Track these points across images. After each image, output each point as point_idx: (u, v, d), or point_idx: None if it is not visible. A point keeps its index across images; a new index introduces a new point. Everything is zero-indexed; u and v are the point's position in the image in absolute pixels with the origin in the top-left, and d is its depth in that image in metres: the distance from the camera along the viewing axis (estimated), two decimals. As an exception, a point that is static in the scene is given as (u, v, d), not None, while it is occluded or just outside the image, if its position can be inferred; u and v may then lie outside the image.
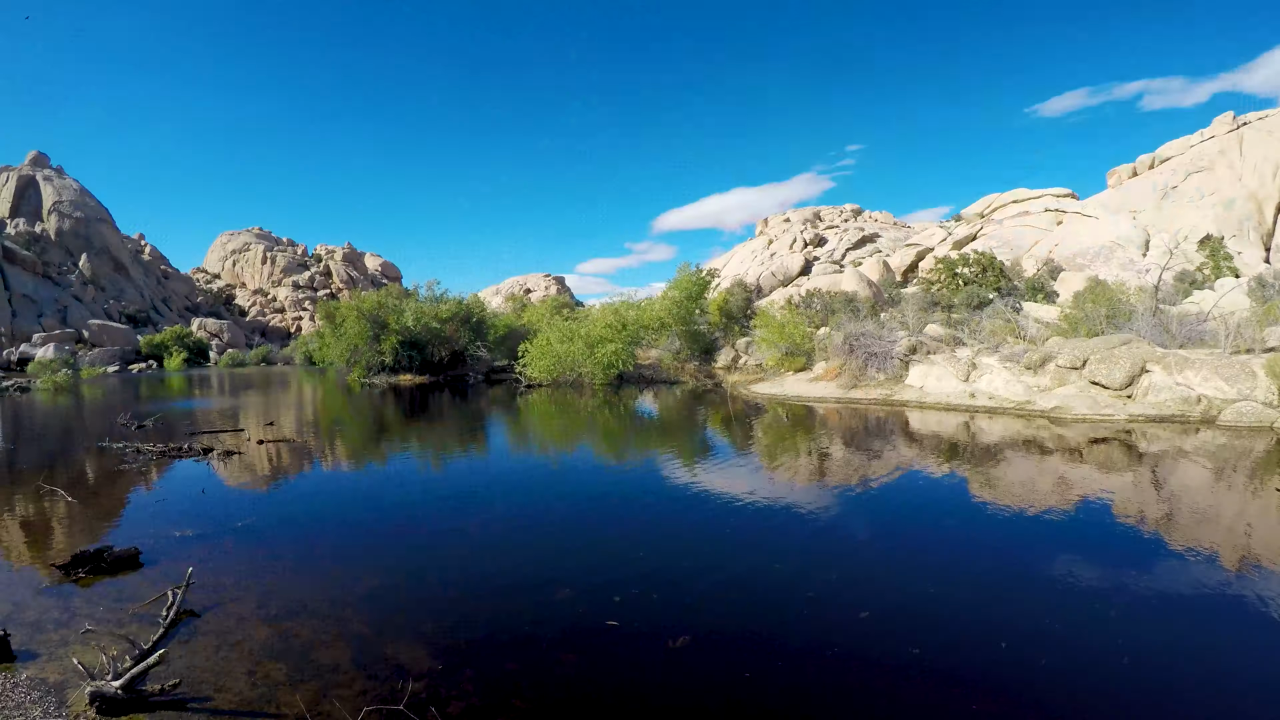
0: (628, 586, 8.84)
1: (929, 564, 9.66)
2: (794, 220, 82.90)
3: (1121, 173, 63.25)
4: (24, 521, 13.08)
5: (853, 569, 9.54)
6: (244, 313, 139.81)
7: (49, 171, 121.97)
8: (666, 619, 7.88)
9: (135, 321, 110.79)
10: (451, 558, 10.42)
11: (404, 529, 12.17)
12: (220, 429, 25.32)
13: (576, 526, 12.14)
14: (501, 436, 23.83)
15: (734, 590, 8.83)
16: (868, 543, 10.84)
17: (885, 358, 29.30)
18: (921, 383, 27.24)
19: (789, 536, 11.12)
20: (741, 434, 22.01)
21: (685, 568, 9.72)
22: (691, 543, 10.99)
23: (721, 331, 48.21)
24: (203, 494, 14.92)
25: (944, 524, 11.65)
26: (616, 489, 14.90)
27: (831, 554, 10.24)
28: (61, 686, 6.58)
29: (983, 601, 8.31)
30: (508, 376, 47.01)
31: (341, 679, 6.62)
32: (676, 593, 8.69)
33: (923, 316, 35.81)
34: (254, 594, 8.84)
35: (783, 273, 61.11)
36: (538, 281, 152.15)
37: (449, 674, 6.70)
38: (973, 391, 25.16)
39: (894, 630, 7.53)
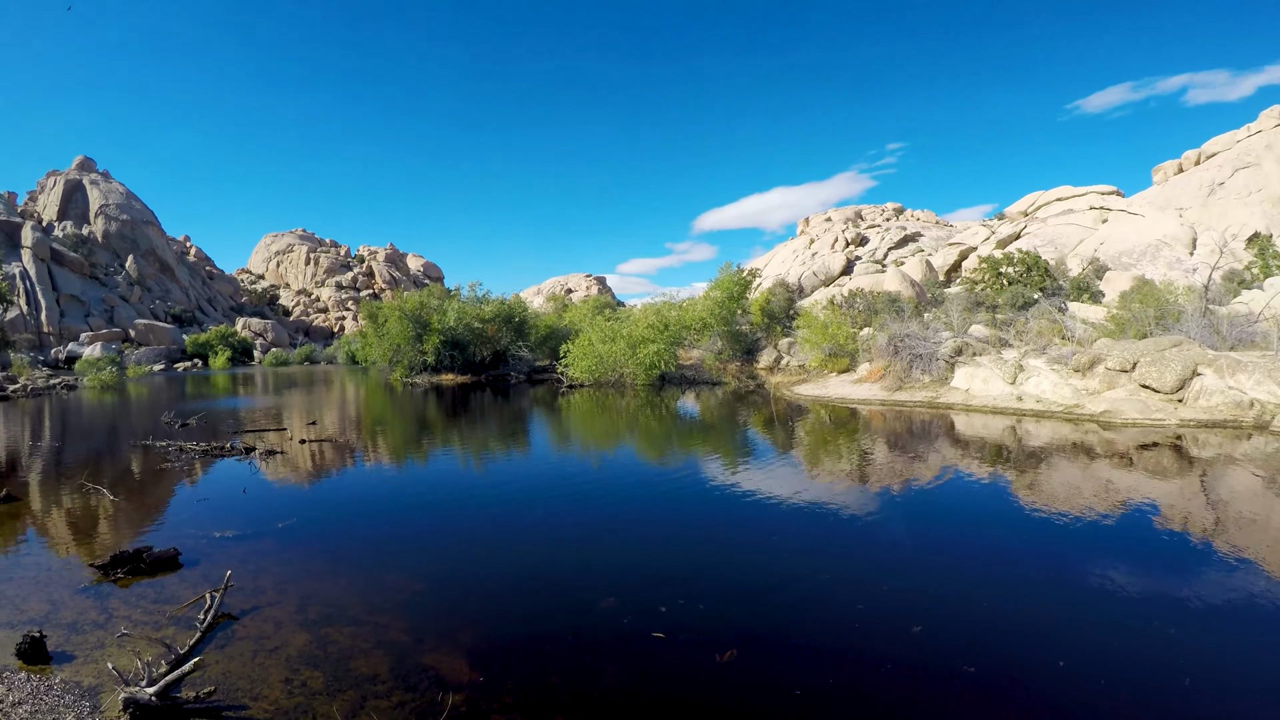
0: (673, 596, 8.62)
1: (980, 575, 9.34)
2: (835, 219, 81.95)
3: (1167, 169, 61.55)
4: (66, 519, 13.24)
5: (903, 580, 9.20)
6: (288, 313, 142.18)
7: (95, 175, 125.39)
8: (713, 630, 7.64)
9: (181, 321, 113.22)
10: (492, 563, 10.26)
11: (445, 532, 12.07)
12: (263, 428, 25.60)
13: (619, 531, 11.94)
14: (543, 437, 23.70)
15: (782, 600, 8.57)
16: (917, 551, 10.50)
17: (930, 359, 28.86)
18: (967, 385, 26.73)
19: (837, 544, 10.84)
20: (785, 436, 21.67)
21: (732, 576, 9.46)
22: (737, 549, 10.75)
23: (763, 332, 47.82)
24: (244, 494, 15.01)
25: (993, 532, 11.27)
26: (660, 492, 14.65)
27: (881, 563, 9.92)
28: (96, 691, 6.52)
29: (1036, 616, 7.97)
30: (549, 376, 47.14)
31: (380, 689, 6.48)
32: (723, 603, 8.44)
33: (967, 317, 35.07)
34: (293, 598, 8.76)
35: (824, 272, 60.36)
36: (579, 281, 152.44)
37: (489, 687, 6.52)
38: (1020, 394, 24.58)
39: (947, 646, 7.22)
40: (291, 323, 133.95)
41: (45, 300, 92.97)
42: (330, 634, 7.65)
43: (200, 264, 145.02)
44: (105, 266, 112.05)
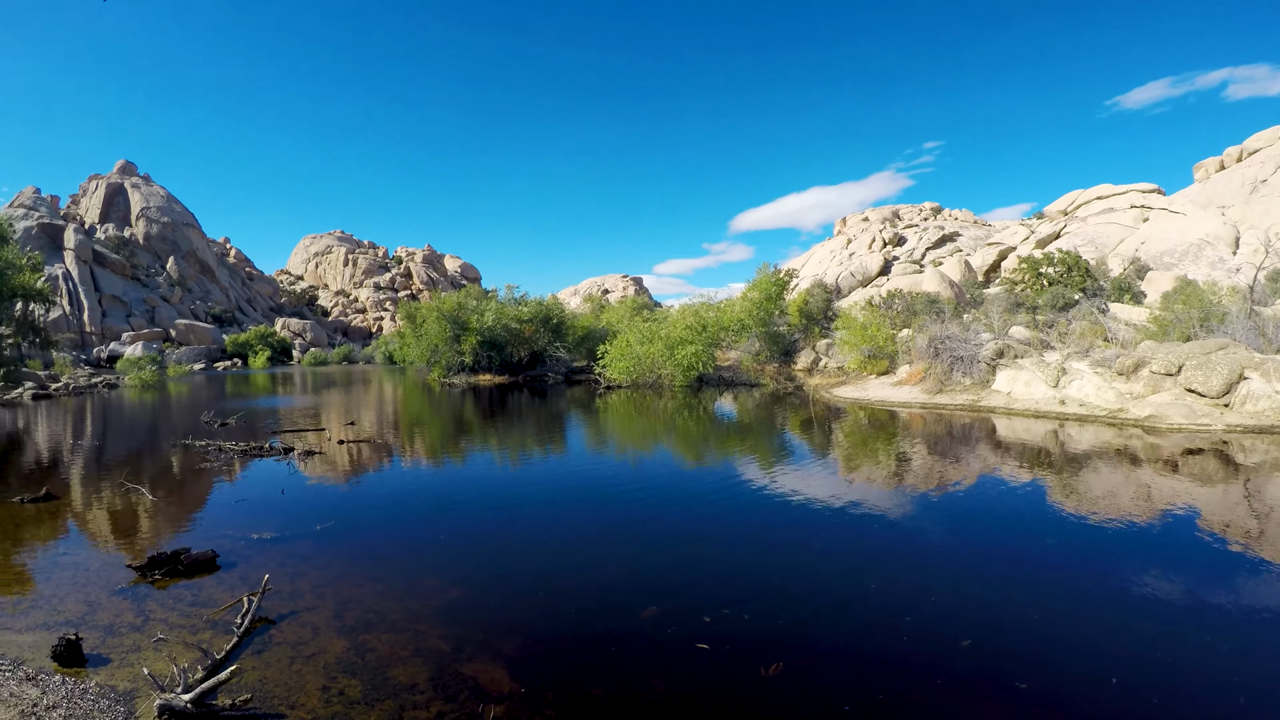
0: (717, 604, 8.39)
1: (1027, 585, 9.03)
2: (872, 219, 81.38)
3: (1208, 166, 60.10)
4: (104, 518, 13.34)
5: (950, 590, 8.87)
6: (326, 313, 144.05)
7: (136, 179, 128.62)
8: (759, 642, 7.40)
9: (221, 321, 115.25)
10: (533, 569, 10.09)
11: (484, 536, 11.93)
12: (302, 428, 25.81)
13: (662, 536, 11.72)
14: (581, 438, 23.57)
15: (829, 611, 8.30)
16: (962, 560, 10.15)
17: (971, 361, 28.42)
18: (1009, 388, 26.26)
19: (882, 551, 10.55)
20: (825, 439, 21.33)
21: (777, 585, 9.20)
22: (782, 557, 10.48)
23: (801, 333, 47.62)
24: (282, 495, 15.05)
25: (1040, 541, 10.89)
26: (702, 496, 14.40)
27: (927, 572, 9.58)
28: (131, 696, 6.45)
29: (1086, 629, 7.65)
30: (587, 377, 47.27)
31: (418, 699, 6.34)
32: (767, 612, 8.20)
33: (1007, 318, 34.49)
34: (330, 602, 8.66)
35: (862, 273, 59.81)
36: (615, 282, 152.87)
37: (530, 699, 6.35)
38: (1062, 398, 24.11)
39: (999, 662, 6.95)
40: (330, 323, 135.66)
41: (87, 301, 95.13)
42: (368, 641, 7.53)
43: (240, 265, 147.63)
44: (146, 268, 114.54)
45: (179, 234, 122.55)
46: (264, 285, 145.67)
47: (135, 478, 16.58)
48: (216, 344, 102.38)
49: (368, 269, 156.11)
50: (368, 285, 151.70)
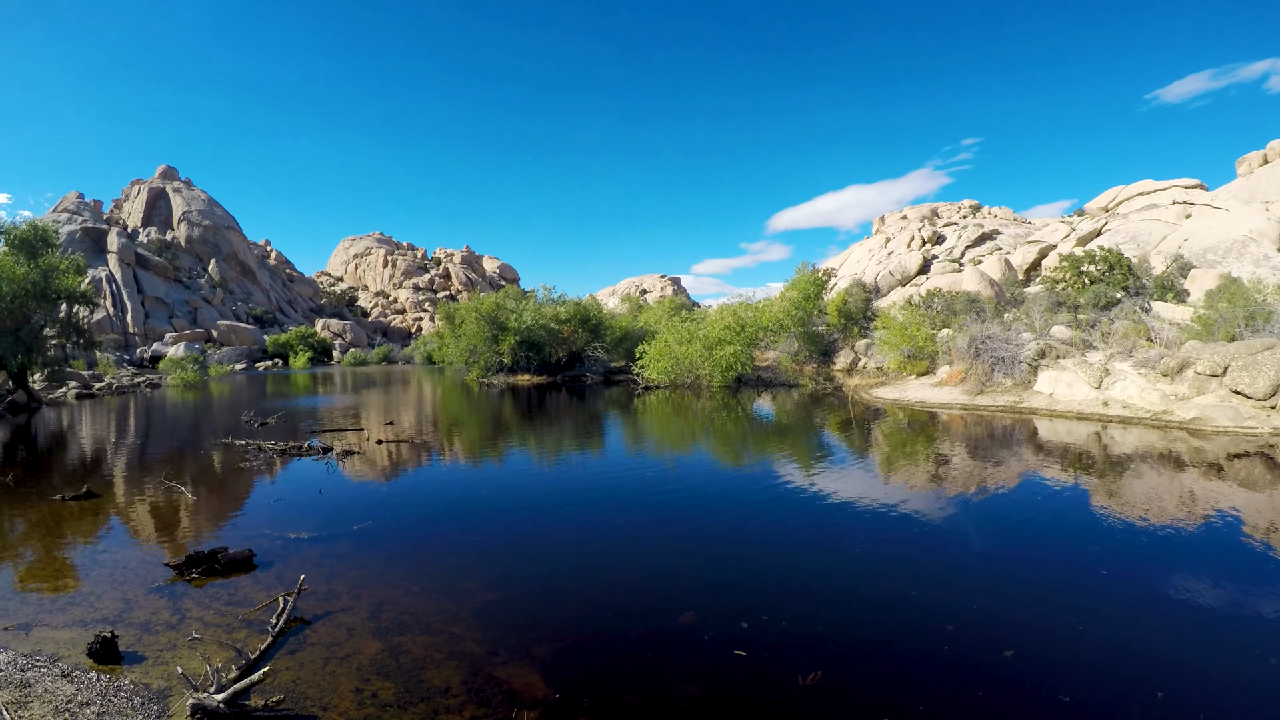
0: (756, 610, 8.27)
1: (1069, 594, 8.76)
2: (911, 218, 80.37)
3: (1251, 160, 58.27)
4: (144, 516, 13.55)
5: (992, 598, 8.65)
6: (366, 314, 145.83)
7: (178, 183, 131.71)
8: (797, 650, 7.29)
9: (262, 322, 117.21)
10: (569, 572, 10.06)
11: (521, 538, 11.89)
12: (341, 428, 26.08)
13: (699, 539, 11.59)
14: (619, 439, 23.49)
15: (868, 618, 8.13)
16: (1004, 567, 9.92)
17: (1012, 362, 28.00)
18: (1051, 389, 25.81)
19: (923, 557, 10.32)
20: (865, 441, 21.04)
21: (816, 589, 9.05)
22: (822, 560, 10.31)
23: (840, 333, 47.29)
24: (320, 494, 15.17)
25: (1086, 549, 10.56)
26: (740, 498, 14.26)
27: (968, 579, 9.37)
28: (165, 694, 6.50)
29: (1133, 641, 7.43)
30: (625, 378, 47.33)
31: (451, 703, 6.31)
32: (807, 619, 8.06)
33: (1048, 318, 33.80)
34: (366, 604, 8.68)
35: (900, 272, 59.12)
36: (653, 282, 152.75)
37: (563, 705, 6.29)
38: (1105, 399, 23.62)
39: (1041, 673, 6.77)
40: (370, 323, 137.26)
41: (130, 302, 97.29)
42: (403, 643, 7.52)
43: (280, 267, 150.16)
44: (188, 270, 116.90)
45: (220, 237, 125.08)
46: (304, 287, 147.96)
47: (175, 476, 16.88)
48: (258, 344, 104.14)
49: (407, 270, 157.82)
50: (407, 286, 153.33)
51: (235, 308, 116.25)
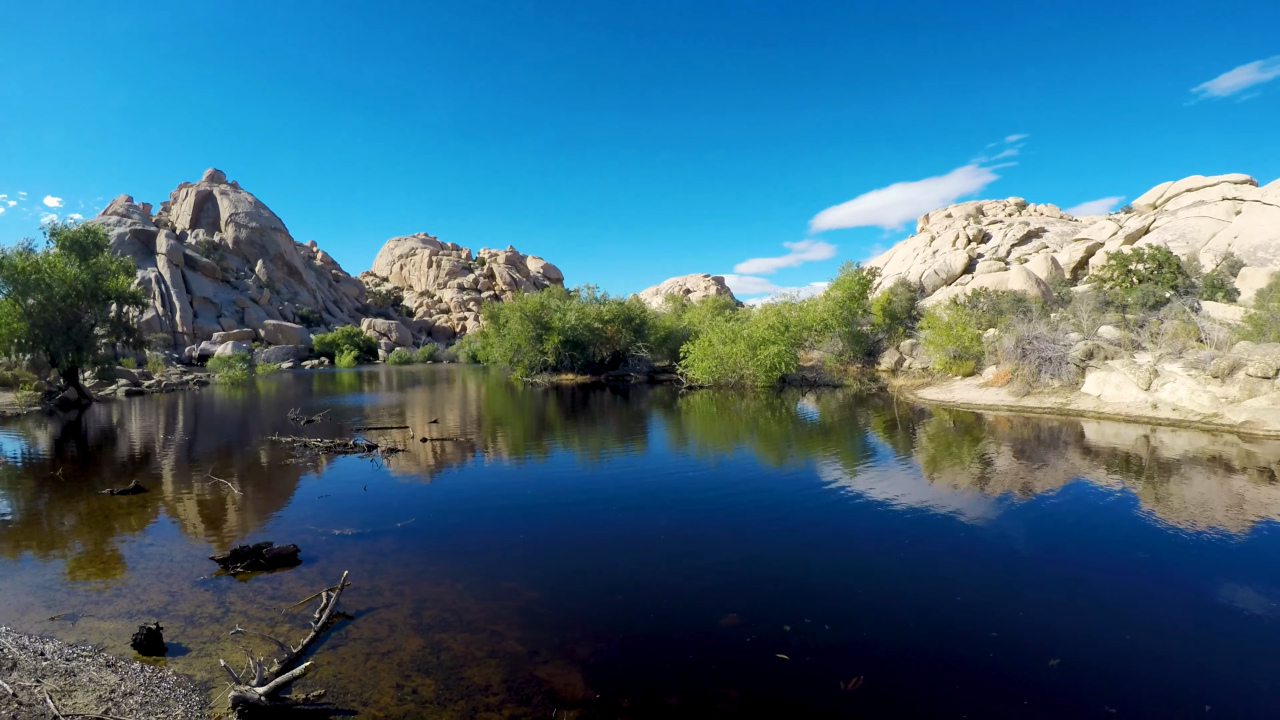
0: (799, 614, 8.15)
1: (1120, 602, 8.50)
2: (956, 216, 79.36)
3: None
4: (190, 511, 13.79)
5: (1038, 604, 8.43)
6: (411, 313, 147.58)
7: (225, 186, 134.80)
8: (839, 654, 7.16)
9: (308, 322, 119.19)
10: (611, 572, 10.02)
11: (563, 537, 11.87)
12: (385, 426, 26.35)
13: (743, 541, 11.46)
14: (663, 439, 23.40)
15: (912, 623, 7.95)
16: (1053, 574, 9.61)
17: (1060, 363, 27.53)
18: (1099, 391, 25.26)
19: (968, 562, 10.09)
20: (909, 443, 20.73)
21: (860, 594, 8.90)
22: (866, 565, 10.13)
23: (885, 333, 46.86)
24: (364, 491, 15.32)
25: (1134, 556, 10.25)
26: (782, 499, 14.11)
27: (1014, 586, 9.15)
28: (207, 686, 6.58)
29: (1180, 650, 7.25)
30: (669, 377, 47.42)
31: (491, 701, 6.30)
32: (850, 624, 7.92)
33: (1096, 317, 33.03)
34: (409, 600, 8.71)
35: (945, 271, 58.32)
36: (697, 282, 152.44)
37: (603, 706, 6.25)
38: (1154, 402, 23.07)
39: (1087, 682, 6.58)
40: (415, 323, 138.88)
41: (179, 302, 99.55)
42: (444, 640, 7.53)
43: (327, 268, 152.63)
44: (236, 271, 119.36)
45: (267, 238, 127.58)
46: (350, 287, 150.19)
47: (222, 472, 17.17)
48: (304, 343, 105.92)
49: (451, 270, 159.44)
50: (451, 286, 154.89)
51: (282, 307, 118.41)
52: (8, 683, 6.36)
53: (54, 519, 13.30)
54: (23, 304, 36.54)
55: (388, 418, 29.31)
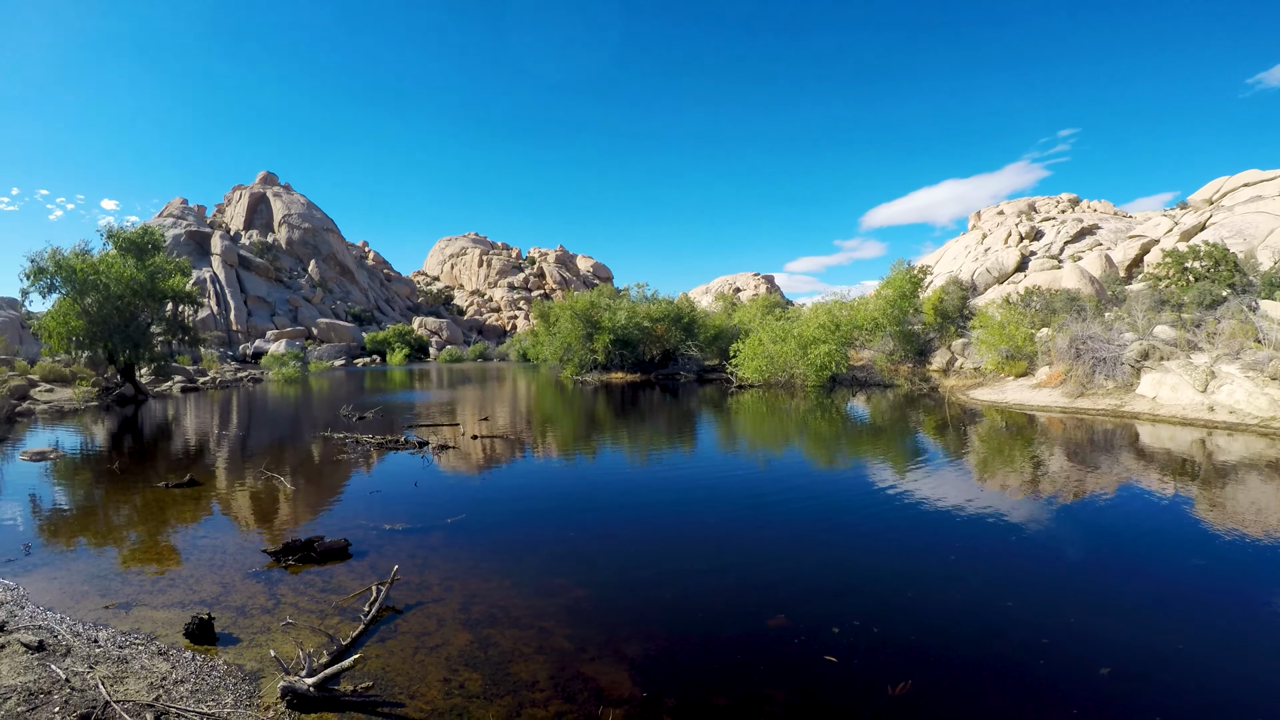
0: (847, 616, 8.00)
1: (1173, 610, 8.24)
2: (1008, 213, 77.87)
3: None
4: (243, 504, 14.05)
5: (1089, 612, 8.13)
6: (462, 312, 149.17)
7: (278, 188, 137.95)
8: (888, 658, 7.01)
9: (360, 320, 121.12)
10: (660, 569, 9.95)
11: (613, 535, 11.84)
12: (436, 422, 26.61)
13: (792, 542, 11.31)
14: (712, 438, 23.27)
15: (962, 628, 7.75)
16: (1105, 580, 9.31)
17: (1114, 363, 26.85)
18: (1154, 393, 24.56)
19: (1021, 568, 9.80)
20: (960, 444, 20.28)
21: (910, 597, 8.69)
22: (915, 567, 9.90)
23: (936, 332, 46.15)
24: (415, 487, 15.47)
25: (1189, 563, 9.90)
26: (834, 502, 13.89)
27: (1065, 591, 8.83)
28: (257, 675, 6.65)
29: (1235, 661, 6.99)
30: (718, 376, 47.33)
31: (537, 697, 6.28)
32: (899, 628, 7.74)
33: (1151, 317, 32.05)
34: (458, 595, 8.74)
35: (997, 269, 57.31)
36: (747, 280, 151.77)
37: (650, 705, 6.19)
38: (1210, 404, 22.33)
39: (1138, 692, 6.39)
40: (465, 322, 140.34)
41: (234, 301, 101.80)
42: (492, 635, 7.53)
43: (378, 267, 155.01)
44: (289, 271, 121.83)
45: (319, 238, 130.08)
46: (401, 286, 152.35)
47: (275, 467, 17.46)
48: (356, 341, 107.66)
49: (501, 269, 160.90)
50: (502, 285, 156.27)
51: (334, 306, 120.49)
52: (61, 668, 6.50)
53: (110, 510, 13.63)
54: (81, 303, 37.59)
55: (439, 415, 29.57)
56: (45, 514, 13.49)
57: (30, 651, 6.88)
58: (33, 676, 6.36)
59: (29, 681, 6.25)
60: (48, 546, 11.18)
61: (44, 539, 11.66)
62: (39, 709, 5.79)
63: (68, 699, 5.95)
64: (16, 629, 7.49)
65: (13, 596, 8.67)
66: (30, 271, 37.01)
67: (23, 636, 7.21)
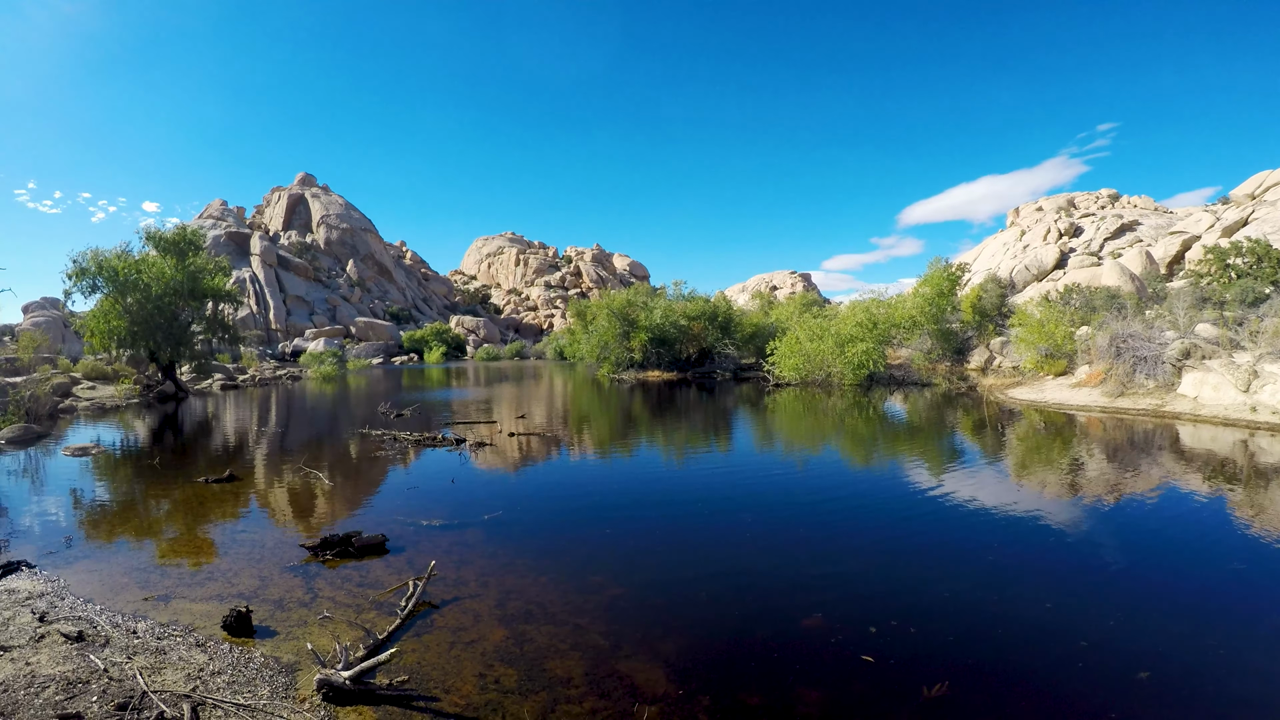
0: (884, 615, 7.89)
1: (1214, 616, 7.96)
2: (1046, 209, 76.76)
3: None
4: (281, 500, 14.21)
5: (1130, 616, 7.90)
6: (499, 311, 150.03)
7: (316, 189, 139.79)
8: (924, 659, 6.88)
9: (398, 319, 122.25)
10: (697, 568, 9.86)
11: (650, 533, 11.76)
12: (474, 420, 26.78)
13: (829, 541, 11.15)
14: (749, 436, 23.10)
15: (998, 629, 7.57)
16: (1146, 583, 9.05)
17: (1155, 362, 26.37)
18: (1196, 392, 24.05)
19: (1059, 570, 9.52)
20: (998, 444, 19.91)
21: (946, 598, 8.50)
22: (952, 568, 9.69)
23: (974, 330, 45.48)
24: (452, 484, 15.55)
25: (1230, 565, 9.60)
26: (872, 501, 13.68)
27: (1104, 593, 8.60)
28: (293, 668, 6.69)
29: (1277, 668, 6.77)
30: (755, 374, 47.19)
31: (572, 694, 6.25)
32: (936, 629, 7.59)
33: (1193, 315, 31.34)
34: (494, 591, 8.73)
35: (1036, 266, 56.46)
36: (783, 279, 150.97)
37: (684, 702, 6.13)
38: (1253, 404, 21.79)
39: (1177, 697, 6.23)
40: (502, 320, 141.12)
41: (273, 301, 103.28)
42: (528, 631, 7.51)
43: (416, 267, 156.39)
44: (327, 270, 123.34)
45: (357, 239, 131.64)
46: (439, 285, 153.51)
47: (313, 463, 17.65)
48: (394, 340, 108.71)
49: (538, 268, 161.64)
50: (538, 284, 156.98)
51: (372, 305, 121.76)
52: (100, 658, 6.57)
53: (149, 505, 13.84)
54: (122, 303, 38.31)
55: (475, 413, 29.74)
56: (86, 507, 13.74)
57: (69, 642, 6.97)
58: (71, 666, 6.44)
59: (67, 671, 6.32)
60: (88, 540, 11.37)
61: (85, 532, 11.86)
62: (77, 698, 5.85)
63: (105, 688, 6.00)
64: (56, 620, 7.60)
65: (53, 588, 8.81)
66: (73, 272, 37.88)
67: (62, 627, 7.31)
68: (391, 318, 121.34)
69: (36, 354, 42.50)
